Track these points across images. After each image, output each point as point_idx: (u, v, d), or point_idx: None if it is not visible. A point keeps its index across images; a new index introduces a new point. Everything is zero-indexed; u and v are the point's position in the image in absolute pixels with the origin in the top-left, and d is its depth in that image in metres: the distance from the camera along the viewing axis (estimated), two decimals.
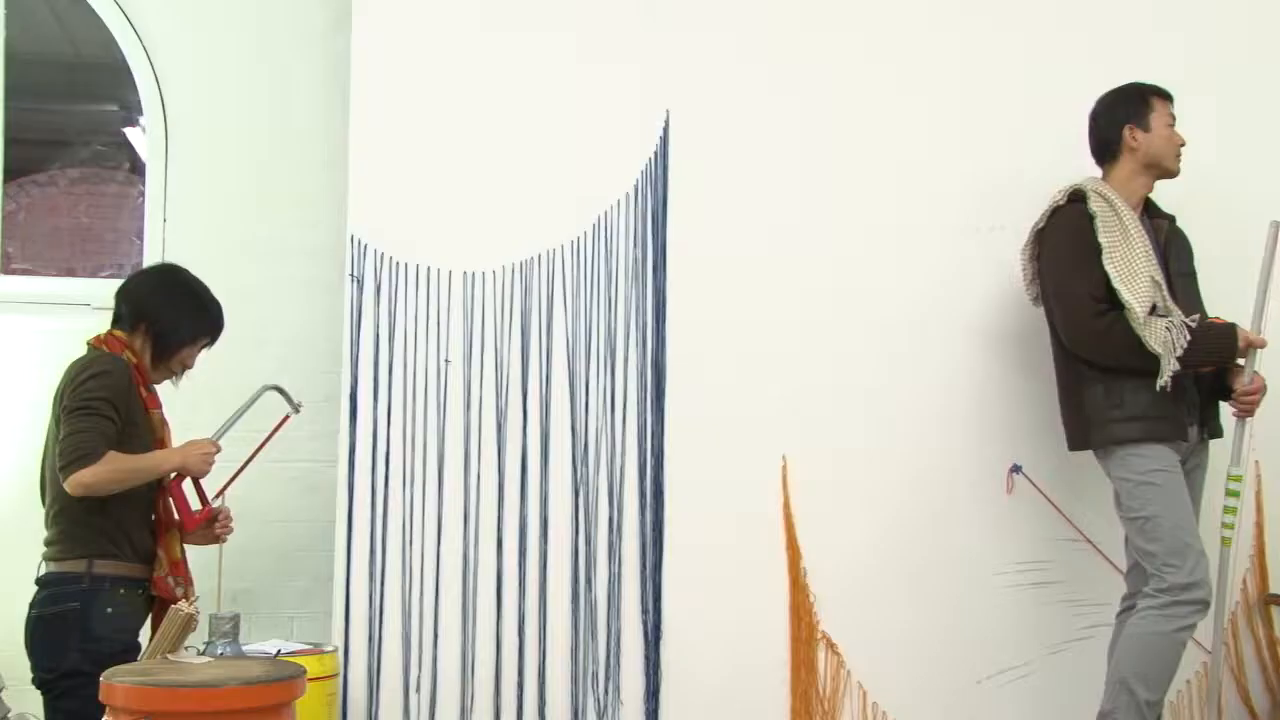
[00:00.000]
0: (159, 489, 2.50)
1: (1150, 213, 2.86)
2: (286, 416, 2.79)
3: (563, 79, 3.07)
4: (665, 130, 3.08)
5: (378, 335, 2.98)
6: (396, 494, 2.96)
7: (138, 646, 2.42)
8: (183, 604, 2.22)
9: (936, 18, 3.23)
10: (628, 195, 3.06)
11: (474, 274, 3.02)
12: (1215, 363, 2.72)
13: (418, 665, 2.91)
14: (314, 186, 3.29)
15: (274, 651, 2.61)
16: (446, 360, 3.00)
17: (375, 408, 2.97)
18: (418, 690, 2.89)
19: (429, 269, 3.01)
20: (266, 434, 2.74)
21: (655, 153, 3.08)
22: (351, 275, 2.98)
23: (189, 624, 2.19)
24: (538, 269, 3.03)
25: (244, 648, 2.40)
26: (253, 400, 2.71)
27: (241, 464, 2.69)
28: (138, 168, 3.52)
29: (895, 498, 3.08)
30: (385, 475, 2.96)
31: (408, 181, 3.01)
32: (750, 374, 3.05)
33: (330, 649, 2.79)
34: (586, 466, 3.00)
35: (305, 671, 2.10)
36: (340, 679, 2.83)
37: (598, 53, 3.09)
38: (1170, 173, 2.82)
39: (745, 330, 3.06)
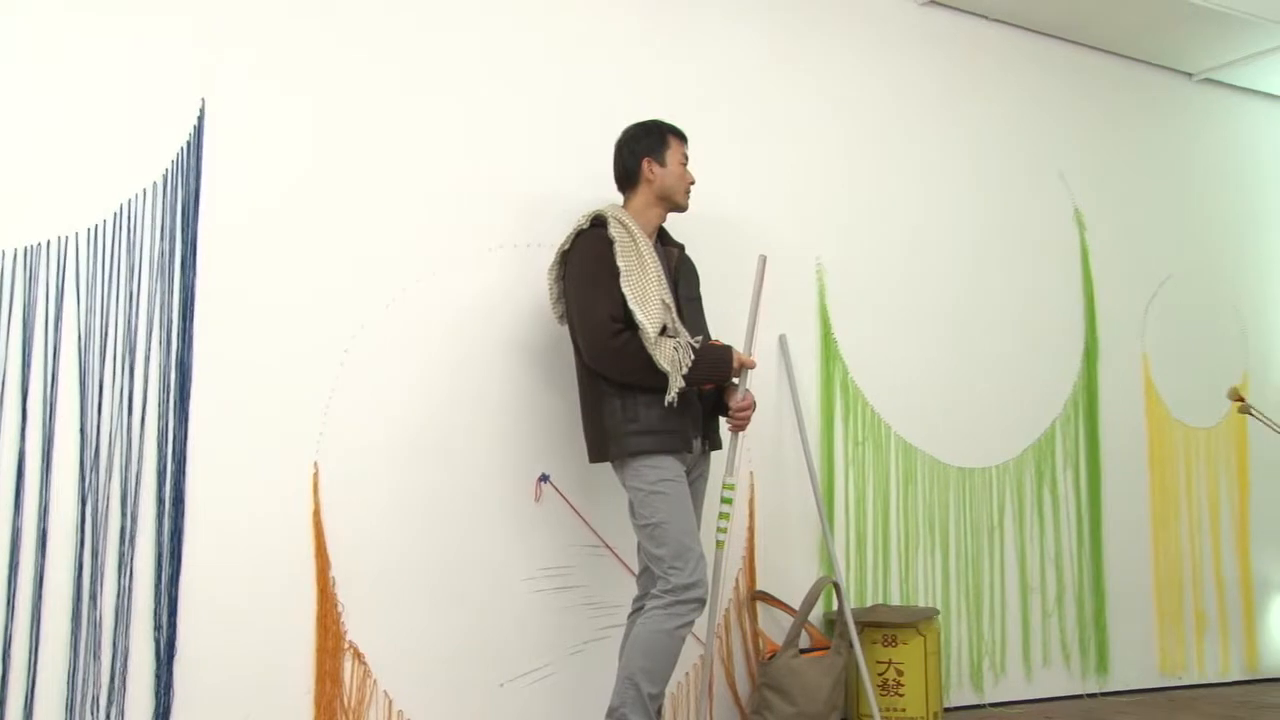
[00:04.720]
0: None
1: (664, 240, 3.08)
2: None
3: (82, 48, 2.82)
4: (200, 119, 2.93)
5: None
6: None
7: None
8: None
9: (489, 39, 3.34)
10: (156, 184, 2.87)
11: None
12: (715, 380, 2.96)
13: None
14: None
15: None
16: None
17: None
18: None
19: None
20: None
21: (188, 143, 2.91)
22: None
23: None
24: (46, 256, 2.76)
25: None
26: None
27: None
28: None
29: (426, 505, 3.10)
30: None
31: None
32: (282, 378, 2.95)
33: None
34: (97, 473, 2.76)
35: None
36: None
37: (123, 25, 2.87)
38: (680, 207, 3.05)
39: (278, 334, 2.96)
